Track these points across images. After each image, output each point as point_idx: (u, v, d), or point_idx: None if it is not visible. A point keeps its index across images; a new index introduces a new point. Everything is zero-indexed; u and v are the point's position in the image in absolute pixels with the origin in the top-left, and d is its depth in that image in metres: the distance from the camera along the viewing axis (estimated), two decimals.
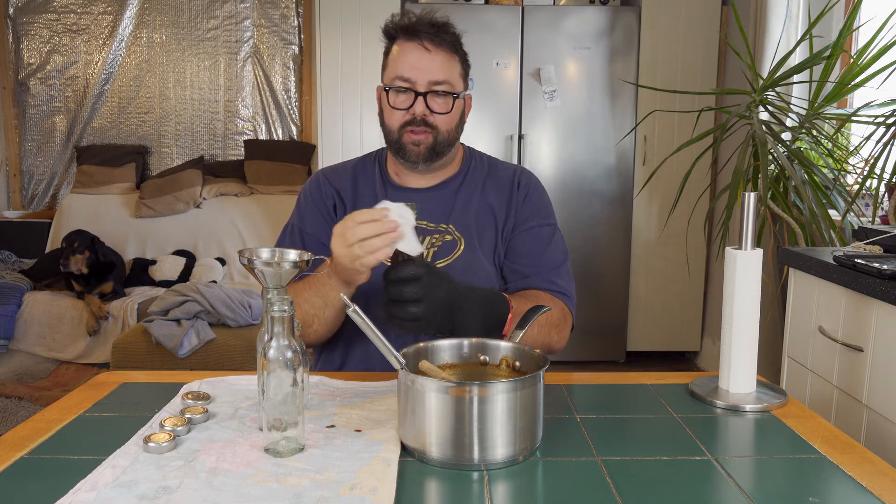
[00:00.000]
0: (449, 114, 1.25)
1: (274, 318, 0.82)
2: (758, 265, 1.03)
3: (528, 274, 1.28)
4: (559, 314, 1.25)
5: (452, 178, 1.35)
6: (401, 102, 1.25)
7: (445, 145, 1.27)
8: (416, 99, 1.23)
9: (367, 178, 1.36)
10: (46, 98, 4.16)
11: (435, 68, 1.23)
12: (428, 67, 1.23)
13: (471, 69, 1.35)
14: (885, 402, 1.41)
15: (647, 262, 3.72)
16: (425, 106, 1.23)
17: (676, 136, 3.57)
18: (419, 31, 1.23)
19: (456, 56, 1.27)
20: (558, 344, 1.25)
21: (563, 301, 1.27)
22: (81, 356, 3.28)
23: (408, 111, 1.24)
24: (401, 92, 1.24)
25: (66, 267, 3.32)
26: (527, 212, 1.33)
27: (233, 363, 2.77)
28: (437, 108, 1.24)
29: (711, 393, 1.04)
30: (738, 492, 0.75)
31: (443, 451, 0.80)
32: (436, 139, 1.25)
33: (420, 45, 1.23)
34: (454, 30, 1.27)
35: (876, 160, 2.05)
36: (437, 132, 1.25)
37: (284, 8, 4.13)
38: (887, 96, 2.30)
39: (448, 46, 1.25)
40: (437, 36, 1.23)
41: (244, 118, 4.22)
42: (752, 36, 2.92)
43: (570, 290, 1.30)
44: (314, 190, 1.36)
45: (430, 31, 1.23)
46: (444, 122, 1.25)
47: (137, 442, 0.86)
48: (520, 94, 3.55)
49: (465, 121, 1.33)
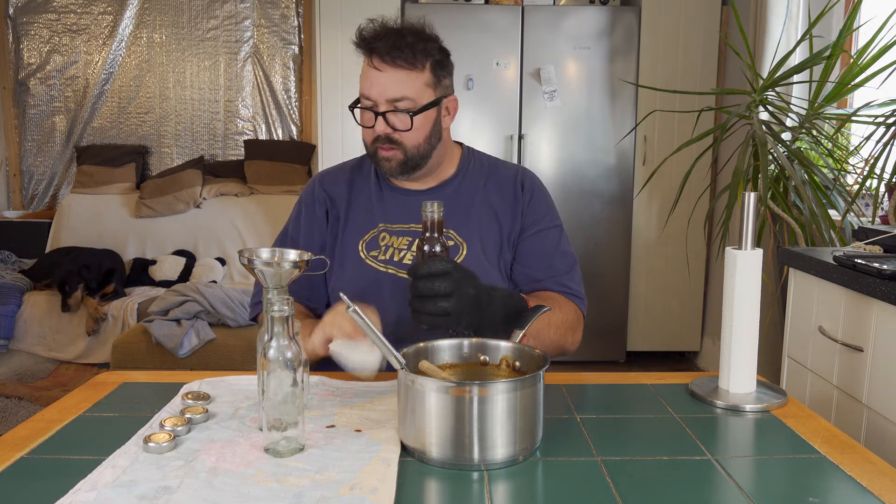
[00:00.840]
0: (411, 130, 1.22)
1: (274, 318, 0.82)
2: (758, 265, 1.03)
3: (541, 278, 1.29)
4: (574, 316, 1.26)
5: (449, 181, 1.33)
6: (366, 121, 1.25)
7: (418, 158, 1.26)
8: (377, 119, 1.22)
9: (363, 181, 1.36)
10: (46, 98, 4.16)
11: (390, 87, 1.20)
12: (384, 86, 1.20)
13: (471, 69, 1.34)
14: (885, 402, 1.41)
15: (647, 262, 3.72)
16: (386, 125, 1.22)
17: (676, 136, 3.57)
18: (374, 48, 1.20)
19: (417, 68, 1.21)
20: (572, 346, 1.26)
21: (576, 304, 1.28)
22: (81, 356, 3.28)
23: (373, 129, 1.24)
24: (365, 112, 1.24)
25: (71, 310, 3.27)
26: (534, 215, 1.32)
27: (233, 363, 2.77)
28: (398, 125, 1.22)
29: (711, 393, 1.04)
30: (738, 492, 0.75)
31: (443, 451, 0.80)
32: (405, 154, 1.24)
33: (376, 66, 1.20)
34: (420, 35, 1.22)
35: (876, 160, 2.05)
36: (404, 148, 1.24)
37: (284, 8, 4.13)
38: (887, 96, 2.30)
39: (405, 60, 1.19)
40: (394, 51, 1.19)
41: (244, 118, 4.21)
42: (752, 36, 2.92)
43: (582, 292, 1.32)
44: (308, 196, 1.38)
45: (385, 46, 1.19)
46: (408, 137, 1.23)
47: (137, 442, 0.86)
48: (520, 94, 3.55)
49: (446, 126, 1.30)
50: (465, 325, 1.01)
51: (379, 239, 1.29)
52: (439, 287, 0.96)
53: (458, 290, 0.97)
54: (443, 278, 0.96)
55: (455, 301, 0.97)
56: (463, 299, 0.98)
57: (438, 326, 0.99)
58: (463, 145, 1.39)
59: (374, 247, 1.29)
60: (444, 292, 0.96)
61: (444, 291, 0.96)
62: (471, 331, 1.03)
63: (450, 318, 0.98)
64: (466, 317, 1.00)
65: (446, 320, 0.98)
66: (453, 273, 0.97)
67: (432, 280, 0.96)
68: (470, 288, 1.00)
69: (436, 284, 0.96)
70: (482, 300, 1.02)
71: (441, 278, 0.96)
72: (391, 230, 1.30)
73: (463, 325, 1.01)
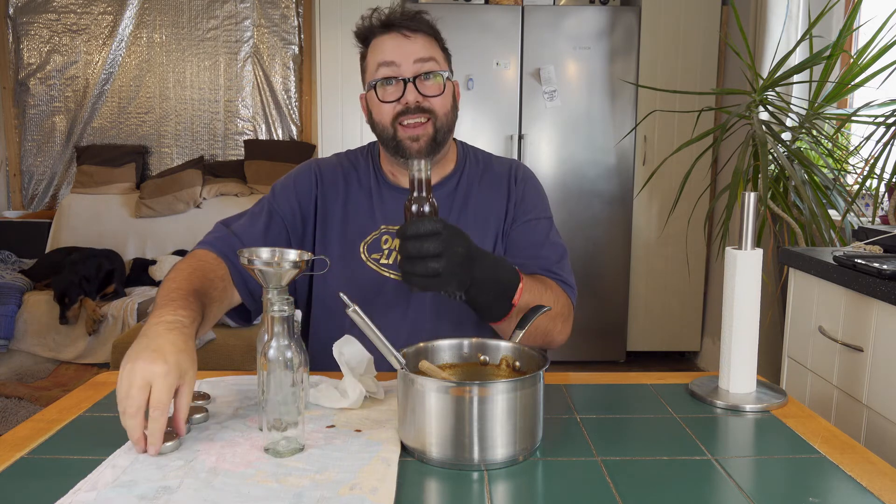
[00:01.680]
0: (442, 95, 1.20)
1: (274, 318, 0.82)
2: (758, 265, 1.03)
3: (531, 266, 1.25)
4: (564, 303, 1.21)
5: (449, 178, 1.32)
6: (390, 94, 1.20)
7: (445, 131, 1.23)
8: (405, 87, 1.18)
9: (360, 178, 1.32)
10: (46, 98, 4.16)
11: (418, 48, 1.19)
12: (410, 49, 1.19)
13: (471, 69, 1.34)
14: (885, 402, 1.41)
15: (647, 262, 3.72)
16: (416, 92, 1.18)
17: (676, 136, 3.57)
18: (393, 22, 1.20)
19: (436, 41, 1.23)
20: (560, 335, 1.21)
21: (567, 292, 1.25)
22: (81, 356, 3.28)
23: (399, 101, 1.19)
24: (388, 85, 1.20)
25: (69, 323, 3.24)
26: (525, 205, 1.31)
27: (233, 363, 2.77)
28: (429, 90, 1.19)
29: (711, 393, 1.04)
30: (738, 492, 0.75)
31: (443, 451, 0.80)
32: (435, 126, 1.20)
33: (398, 33, 1.20)
34: (429, 17, 1.24)
35: (876, 160, 2.05)
36: (435, 117, 1.20)
37: (284, 8, 4.13)
38: (887, 96, 2.30)
39: (426, 31, 1.21)
40: (413, 21, 1.20)
41: (244, 118, 4.22)
42: (752, 36, 2.92)
43: (572, 281, 1.28)
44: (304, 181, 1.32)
45: (405, 20, 1.20)
46: (439, 104, 1.20)
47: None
48: (520, 94, 3.55)
49: (458, 108, 1.29)
50: (456, 286, 0.98)
51: (381, 241, 1.26)
52: (428, 248, 0.93)
53: (447, 250, 0.94)
54: (432, 238, 0.93)
55: (445, 261, 0.94)
56: (453, 259, 0.95)
57: (429, 289, 0.96)
58: (456, 140, 1.37)
59: (376, 249, 1.26)
60: (434, 252, 0.93)
61: (434, 252, 0.93)
62: (461, 293, 1.00)
63: (440, 280, 0.95)
64: (457, 277, 0.97)
65: (437, 281, 0.95)
66: (442, 233, 0.94)
67: (421, 241, 0.93)
68: (460, 247, 0.97)
69: (425, 245, 0.93)
70: (473, 260, 0.99)
71: (430, 238, 0.93)
72: (393, 232, 1.27)
73: (454, 286, 0.98)
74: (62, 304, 3.24)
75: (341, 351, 0.98)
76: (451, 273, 0.95)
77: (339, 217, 1.29)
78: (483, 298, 1.05)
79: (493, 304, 1.08)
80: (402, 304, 1.25)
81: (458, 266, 0.96)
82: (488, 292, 1.05)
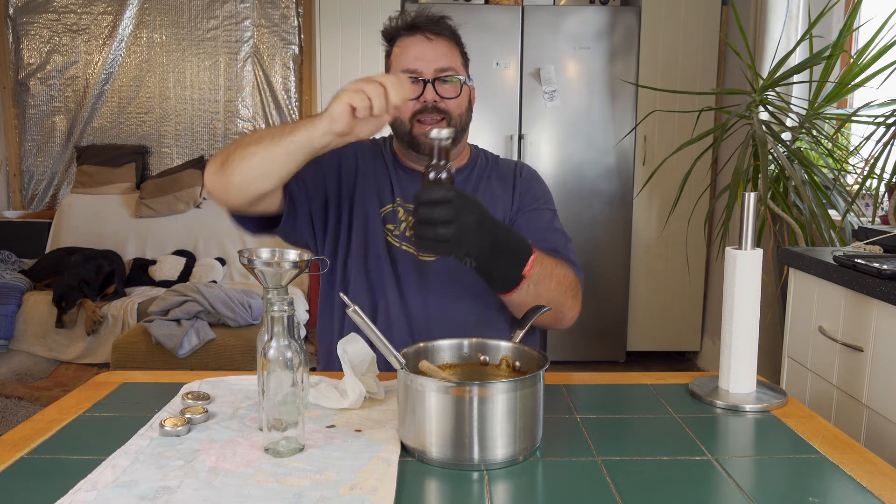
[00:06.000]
0: (458, 98, 1.29)
1: (274, 318, 0.82)
2: (758, 265, 1.03)
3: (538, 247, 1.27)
4: (574, 279, 1.23)
5: (460, 170, 1.38)
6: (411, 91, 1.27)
7: (458, 131, 1.30)
8: (424, 87, 1.26)
9: (377, 159, 1.38)
10: (46, 98, 4.16)
11: (439, 56, 1.28)
12: (433, 56, 1.27)
13: (471, 69, 1.38)
14: (885, 402, 1.41)
15: (647, 262, 3.72)
16: (435, 92, 1.27)
17: (676, 136, 3.57)
18: (419, 25, 1.29)
19: (456, 47, 1.32)
20: (570, 313, 1.22)
21: (575, 271, 1.26)
22: (81, 356, 3.28)
23: (418, 100, 1.27)
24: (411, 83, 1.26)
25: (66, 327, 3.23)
26: (529, 196, 1.37)
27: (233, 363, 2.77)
28: (447, 93, 1.28)
29: (711, 393, 1.04)
30: (738, 492, 0.75)
31: (443, 451, 0.80)
32: (449, 125, 1.27)
33: (422, 36, 1.28)
34: (452, 22, 1.33)
35: (876, 160, 2.05)
36: (450, 117, 1.28)
37: (284, 8, 4.13)
38: (887, 96, 2.30)
39: (448, 35, 1.30)
40: (437, 26, 1.29)
41: (244, 118, 4.21)
42: (752, 36, 2.92)
43: (579, 264, 1.30)
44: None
45: (429, 23, 1.29)
46: (455, 106, 1.29)
47: (138, 442, 0.86)
48: (520, 94, 3.55)
49: (473, 111, 1.36)
50: (465, 253, 1.01)
51: (397, 214, 1.33)
52: (439, 214, 0.95)
53: (458, 218, 0.97)
54: (444, 205, 0.96)
55: (455, 228, 0.96)
56: (463, 226, 0.97)
57: (439, 253, 1.00)
58: (470, 144, 1.45)
59: (392, 220, 1.32)
60: (445, 219, 0.96)
61: (445, 218, 0.96)
62: (472, 258, 1.03)
63: (449, 245, 0.97)
64: (467, 244, 0.99)
65: (446, 247, 0.98)
66: (455, 200, 0.96)
67: (433, 206, 0.96)
68: (472, 216, 0.99)
69: (436, 211, 0.95)
70: (485, 228, 1.02)
71: (442, 205, 0.96)
72: (407, 208, 1.33)
73: (462, 253, 1.00)
74: (60, 308, 3.23)
75: (345, 349, 0.99)
76: (460, 240, 0.98)
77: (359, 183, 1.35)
78: (494, 267, 1.07)
79: (505, 273, 1.10)
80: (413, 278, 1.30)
81: (467, 233, 0.99)
82: (499, 261, 1.07)
